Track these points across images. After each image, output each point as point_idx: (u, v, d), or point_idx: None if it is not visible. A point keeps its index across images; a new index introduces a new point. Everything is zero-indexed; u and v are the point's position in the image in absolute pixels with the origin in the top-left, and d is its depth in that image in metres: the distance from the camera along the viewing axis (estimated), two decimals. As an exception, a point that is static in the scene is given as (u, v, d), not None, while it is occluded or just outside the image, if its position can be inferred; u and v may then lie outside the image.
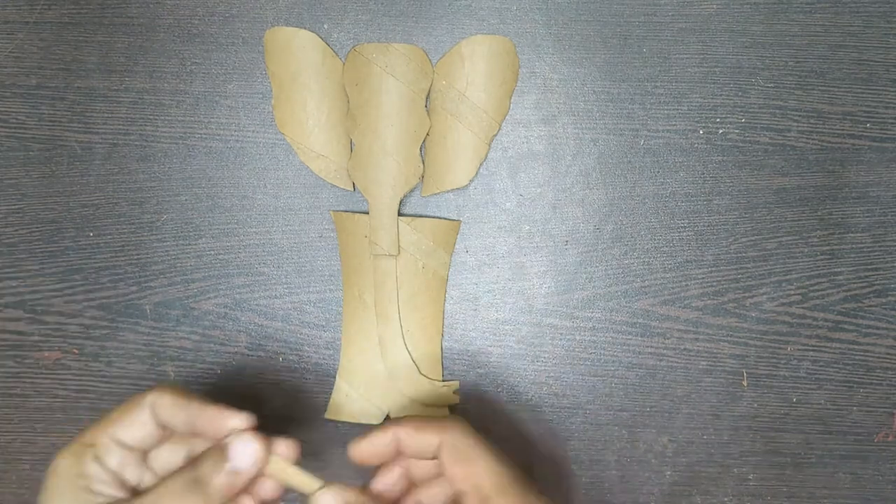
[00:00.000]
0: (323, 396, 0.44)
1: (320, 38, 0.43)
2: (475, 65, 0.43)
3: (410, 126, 0.43)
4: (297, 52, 0.43)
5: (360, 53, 0.43)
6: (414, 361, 0.43)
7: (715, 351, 0.44)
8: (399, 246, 0.43)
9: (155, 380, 0.43)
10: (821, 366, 0.44)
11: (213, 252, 0.43)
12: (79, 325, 0.44)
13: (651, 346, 0.44)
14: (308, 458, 0.44)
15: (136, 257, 0.44)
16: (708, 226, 0.44)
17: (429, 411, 0.43)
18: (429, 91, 0.43)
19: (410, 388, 0.43)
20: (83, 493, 0.31)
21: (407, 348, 0.43)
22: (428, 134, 0.43)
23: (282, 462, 0.31)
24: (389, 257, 0.43)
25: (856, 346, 0.44)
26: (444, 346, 0.44)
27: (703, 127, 0.44)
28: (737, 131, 0.43)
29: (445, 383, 0.43)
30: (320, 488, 0.30)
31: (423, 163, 0.43)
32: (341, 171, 0.43)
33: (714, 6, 0.43)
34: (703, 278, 0.44)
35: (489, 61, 0.43)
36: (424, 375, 0.43)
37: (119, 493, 0.31)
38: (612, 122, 0.43)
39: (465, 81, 0.43)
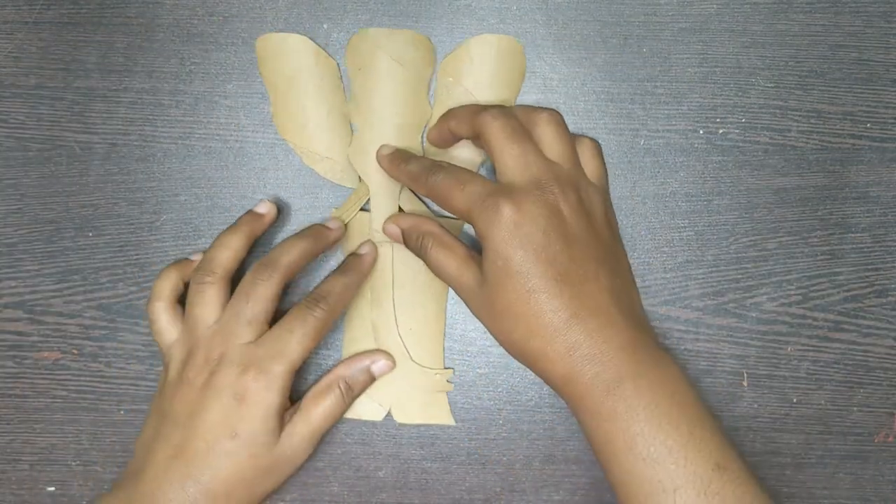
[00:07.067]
0: (323, 397, 0.44)
1: (311, 39, 0.43)
2: (483, 64, 0.43)
3: (412, 112, 0.42)
4: (290, 57, 0.43)
5: (364, 38, 0.43)
6: (406, 347, 0.43)
7: (715, 351, 0.44)
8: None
9: (154, 380, 0.43)
10: (821, 366, 0.44)
11: (212, 252, 0.43)
12: (78, 325, 0.44)
13: (651, 347, 0.43)
14: (308, 459, 0.44)
15: (135, 257, 0.44)
16: (708, 226, 0.44)
17: (425, 400, 0.43)
18: (431, 79, 0.42)
19: (402, 372, 0.43)
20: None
21: (399, 334, 0.43)
22: (429, 124, 0.43)
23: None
24: (387, 244, 0.43)
25: (856, 347, 0.44)
26: (444, 345, 0.44)
27: (703, 127, 0.43)
28: (737, 131, 0.43)
29: (438, 371, 0.43)
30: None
31: (424, 151, 0.43)
32: (347, 171, 0.43)
33: (714, 6, 0.43)
34: (703, 278, 0.44)
35: (497, 61, 0.43)
36: (416, 363, 0.43)
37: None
38: (612, 122, 0.43)
39: (473, 80, 0.43)
